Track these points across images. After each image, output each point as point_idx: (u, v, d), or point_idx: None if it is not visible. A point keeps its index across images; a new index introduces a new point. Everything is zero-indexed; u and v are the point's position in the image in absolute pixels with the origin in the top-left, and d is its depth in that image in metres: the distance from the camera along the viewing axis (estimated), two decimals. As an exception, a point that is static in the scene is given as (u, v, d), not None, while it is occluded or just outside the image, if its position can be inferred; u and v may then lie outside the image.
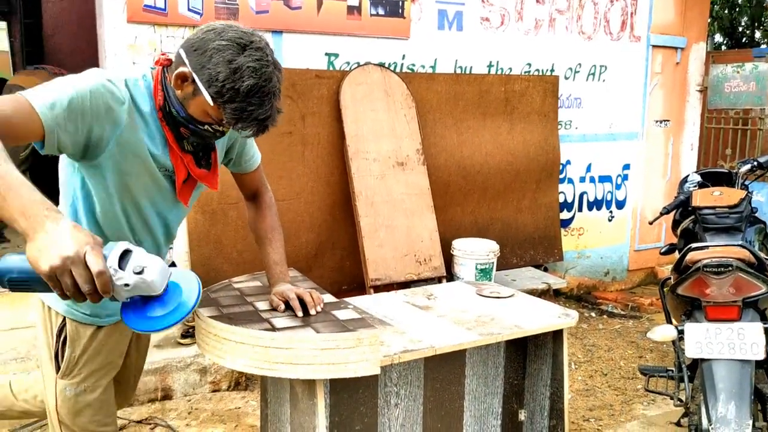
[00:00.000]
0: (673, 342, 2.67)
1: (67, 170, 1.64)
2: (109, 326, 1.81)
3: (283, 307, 1.88)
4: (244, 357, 1.75)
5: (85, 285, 1.11)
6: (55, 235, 1.10)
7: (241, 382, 3.57)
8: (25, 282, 1.17)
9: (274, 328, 1.78)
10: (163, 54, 1.62)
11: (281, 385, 2.09)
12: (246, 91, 1.47)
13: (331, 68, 4.15)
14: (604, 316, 5.01)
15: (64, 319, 1.76)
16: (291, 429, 2.06)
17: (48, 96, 1.37)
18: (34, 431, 3.09)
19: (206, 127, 1.59)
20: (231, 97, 1.48)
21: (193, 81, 1.51)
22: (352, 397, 2.10)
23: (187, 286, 1.30)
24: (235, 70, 1.47)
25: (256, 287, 2.20)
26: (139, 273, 1.17)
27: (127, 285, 1.17)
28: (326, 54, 4.13)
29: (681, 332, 2.51)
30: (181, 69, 1.52)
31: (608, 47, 5.26)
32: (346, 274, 4.22)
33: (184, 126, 1.60)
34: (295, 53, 4.03)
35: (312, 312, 1.85)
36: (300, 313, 1.83)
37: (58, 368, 1.79)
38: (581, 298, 5.38)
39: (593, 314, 5.06)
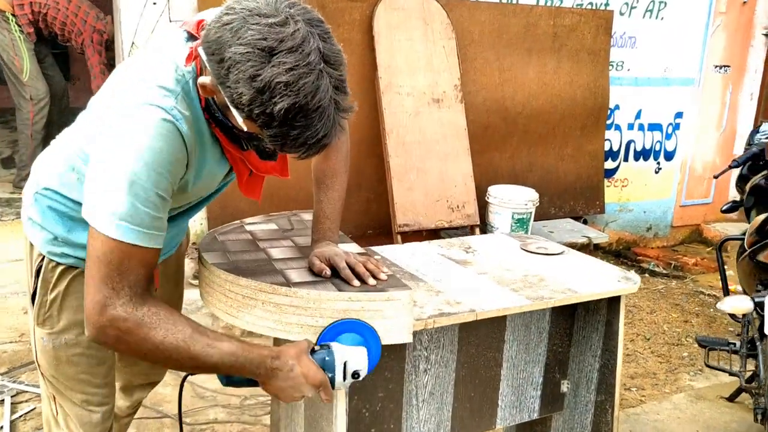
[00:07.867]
0: (744, 315, 2.35)
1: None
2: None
3: (328, 272, 1.53)
4: (251, 314, 1.48)
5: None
6: (291, 382, 1.32)
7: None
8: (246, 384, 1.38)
9: (288, 283, 1.50)
10: (199, 25, 1.26)
11: (296, 345, 1.82)
12: (283, 115, 1.11)
13: (365, -9, 3.77)
14: (646, 275, 4.69)
15: (43, 257, 1.49)
16: (305, 395, 1.81)
17: (133, 220, 1.19)
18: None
19: (259, 140, 1.28)
20: (265, 122, 1.14)
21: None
22: (376, 362, 1.83)
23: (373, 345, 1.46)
24: (261, 89, 1.09)
25: (271, 230, 1.92)
26: (356, 378, 1.41)
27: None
28: (360, -25, 3.75)
29: (758, 305, 2.19)
30: (202, 79, 1.18)
31: (670, -19, 4.78)
32: (371, 217, 3.93)
33: (236, 129, 1.26)
34: (327, -28, 3.64)
35: (371, 283, 1.50)
36: (356, 283, 1.50)
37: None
38: (620, 253, 5.06)
39: (633, 272, 4.74)
